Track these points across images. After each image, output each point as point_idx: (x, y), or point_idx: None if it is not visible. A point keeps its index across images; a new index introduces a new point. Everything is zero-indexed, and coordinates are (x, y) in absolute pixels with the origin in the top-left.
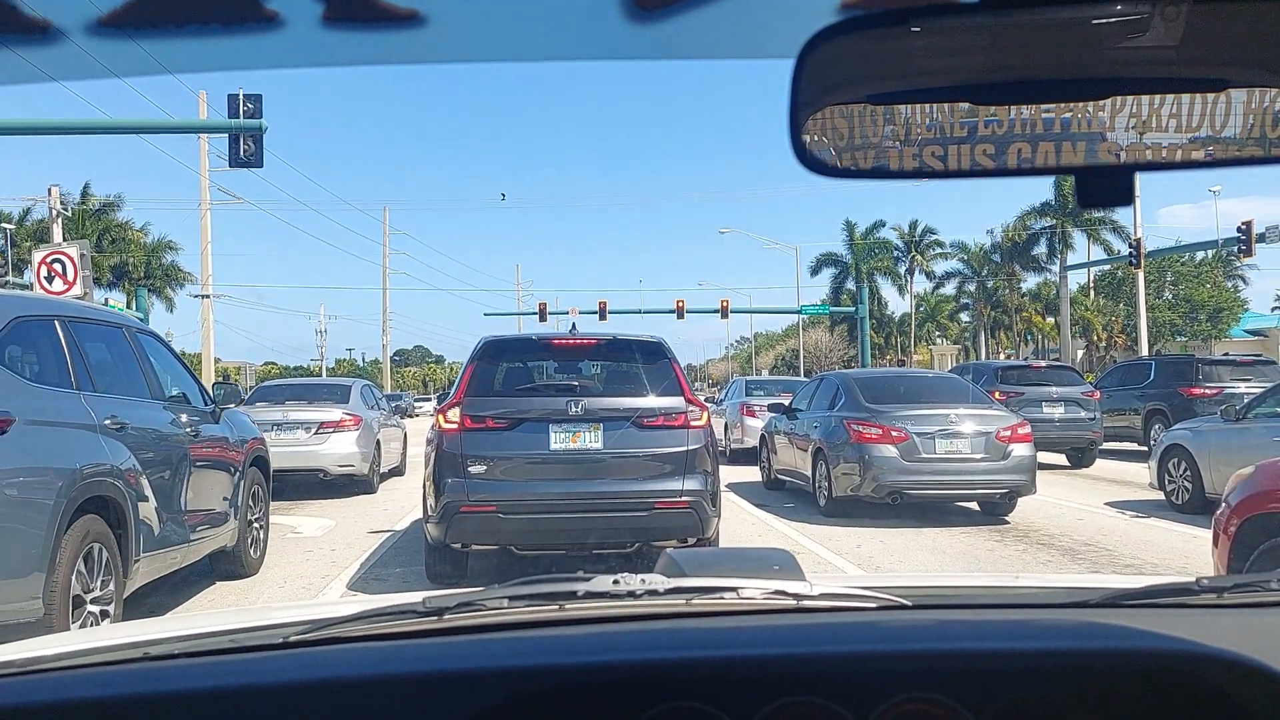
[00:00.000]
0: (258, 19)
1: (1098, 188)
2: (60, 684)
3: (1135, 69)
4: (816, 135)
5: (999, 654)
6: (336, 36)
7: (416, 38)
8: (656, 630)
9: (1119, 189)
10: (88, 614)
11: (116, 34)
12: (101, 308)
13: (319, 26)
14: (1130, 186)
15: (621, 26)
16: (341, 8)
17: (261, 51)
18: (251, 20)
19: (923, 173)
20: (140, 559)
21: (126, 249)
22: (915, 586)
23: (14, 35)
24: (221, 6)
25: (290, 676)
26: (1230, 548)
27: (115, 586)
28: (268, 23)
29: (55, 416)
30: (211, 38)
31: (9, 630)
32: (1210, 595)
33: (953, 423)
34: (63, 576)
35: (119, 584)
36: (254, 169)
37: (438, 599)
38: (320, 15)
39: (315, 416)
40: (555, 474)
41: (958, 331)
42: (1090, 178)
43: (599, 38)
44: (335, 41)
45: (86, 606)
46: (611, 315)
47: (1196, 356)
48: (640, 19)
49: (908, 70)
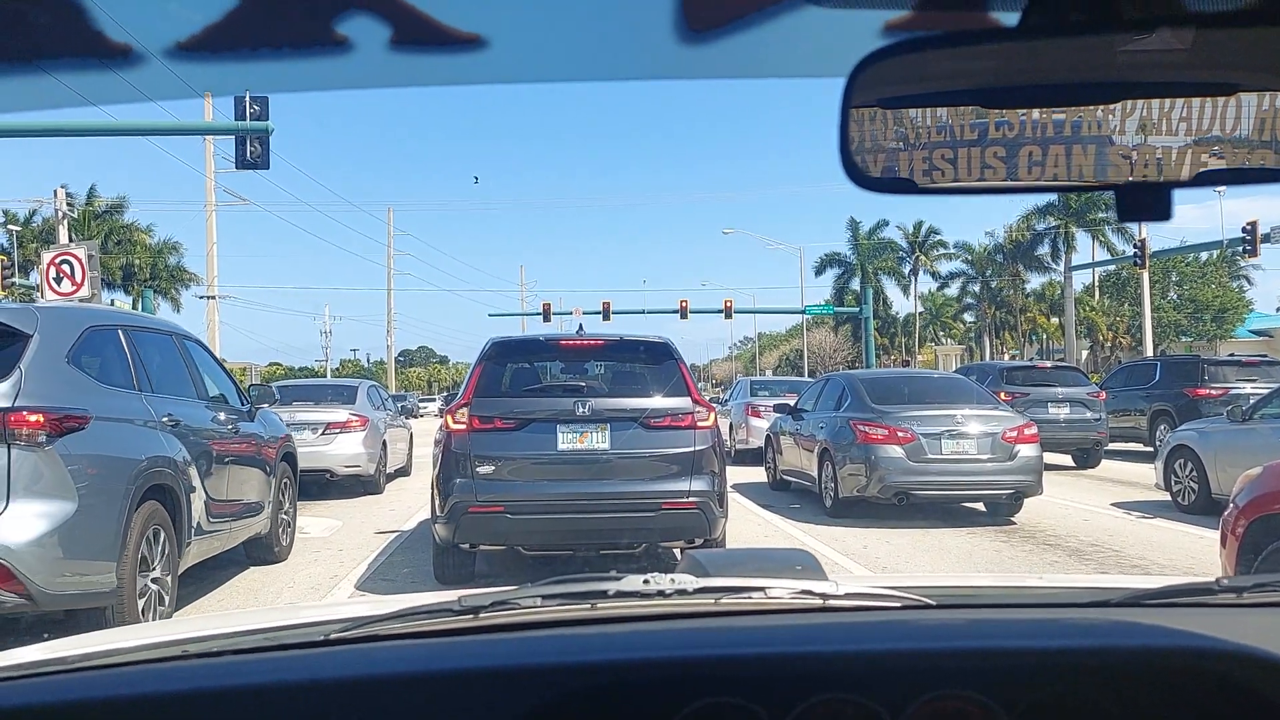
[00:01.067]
0: (328, 42)
1: (1138, 203)
2: (104, 682)
3: (1146, 73)
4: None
5: (1027, 652)
6: (402, 59)
7: (478, 60)
8: (689, 629)
9: (1159, 204)
10: (149, 588)
11: (194, 57)
12: (154, 317)
13: (386, 50)
14: (1169, 202)
15: (674, 47)
16: (407, 32)
17: (331, 73)
18: (322, 44)
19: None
20: (192, 542)
21: (133, 250)
22: (936, 586)
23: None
24: (294, 31)
25: (332, 673)
26: (1238, 548)
27: (171, 565)
28: (337, 46)
29: (122, 414)
30: (284, 60)
31: (88, 599)
32: (1230, 595)
33: (959, 423)
34: (131, 555)
35: (174, 563)
36: (260, 170)
37: (472, 598)
38: (388, 39)
39: (322, 417)
40: (563, 474)
41: (962, 332)
42: (1131, 194)
43: (652, 58)
44: (401, 64)
45: (150, 582)
46: (615, 316)
47: (1202, 357)
48: (691, 40)
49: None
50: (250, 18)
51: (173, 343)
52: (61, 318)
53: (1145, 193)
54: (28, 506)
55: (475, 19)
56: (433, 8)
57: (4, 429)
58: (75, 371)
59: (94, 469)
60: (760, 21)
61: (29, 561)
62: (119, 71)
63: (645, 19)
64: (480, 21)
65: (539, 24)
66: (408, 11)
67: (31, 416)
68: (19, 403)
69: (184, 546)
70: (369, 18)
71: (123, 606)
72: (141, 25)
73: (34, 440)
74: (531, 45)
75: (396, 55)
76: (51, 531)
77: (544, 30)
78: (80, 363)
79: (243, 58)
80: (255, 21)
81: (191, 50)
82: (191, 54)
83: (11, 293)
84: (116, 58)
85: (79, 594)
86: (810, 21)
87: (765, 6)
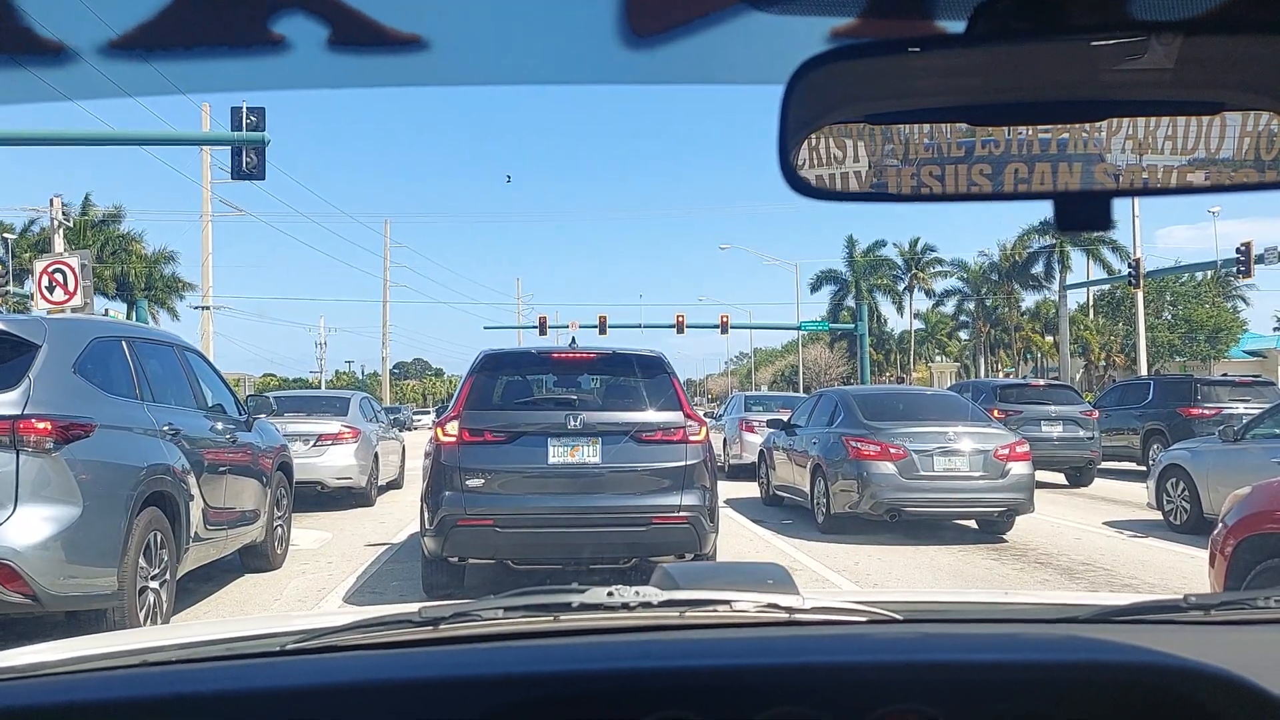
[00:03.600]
0: (265, 42)
1: (1075, 212)
2: (62, 687)
3: (1131, 91)
4: (808, 159)
5: (985, 666)
6: (341, 59)
7: (419, 61)
8: (649, 641)
9: (1098, 213)
10: (149, 592)
11: (127, 55)
12: (155, 328)
13: (324, 49)
14: (1108, 211)
15: (618, 52)
16: (345, 32)
17: (268, 73)
18: (259, 43)
19: (916, 196)
20: (189, 548)
21: (128, 260)
22: (907, 601)
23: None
24: (229, 29)
25: (286, 683)
26: (1227, 568)
27: (169, 570)
28: (274, 45)
29: (125, 423)
30: (220, 59)
31: (90, 600)
32: (1198, 612)
33: (951, 440)
34: (131, 559)
35: (173, 568)
36: (256, 181)
37: (433, 609)
38: (325, 39)
39: (314, 429)
40: (553, 488)
41: (957, 349)
42: (1067, 203)
43: (596, 63)
44: (340, 64)
45: (148, 586)
46: (611, 330)
47: (1195, 377)
48: (636, 45)
49: (903, 92)
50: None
51: (173, 353)
52: (69, 329)
53: (1083, 202)
54: (34, 510)
55: (415, 20)
56: (371, 8)
57: (13, 436)
58: (81, 381)
59: (98, 475)
60: (705, 27)
61: (35, 563)
62: (51, 69)
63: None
64: (420, 23)
65: (481, 26)
66: (346, 11)
67: (39, 424)
68: (28, 410)
69: (182, 552)
70: (306, 17)
71: (123, 608)
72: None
73: (41, 447)
74: (473, 47)
75: (334, 55)
76: (56, 535)
77: (485, 31)
78: (86, 373)
79: (177, 56)
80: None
81: (125, 48)
82: (125, 52)
83: (6, 301)
84: (48, 55)
85: (81, 595)
86: (755, 28)
87: (710, 12)
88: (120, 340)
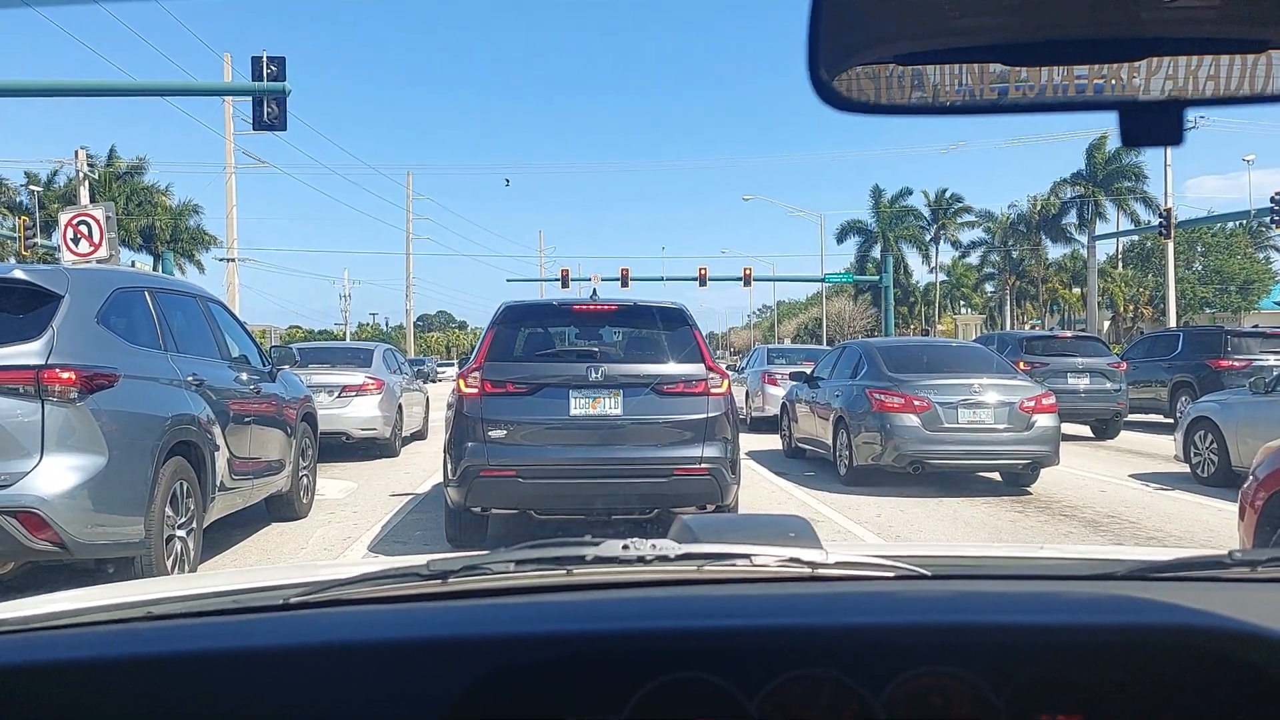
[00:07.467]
0: None
1: (1142, 126)
2: (49, 644)
3: (1173, 28)
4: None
5: (1021, 628)
6: None
7: None
8: (664, 597)
9: (1167, 126)
10: (175, 540)
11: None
12: (178, 279)
13: None
14: (1180, 123)
15: None
16: None
17: None
18: None
19: (955, 108)
20: (215, 497)
21: (153, 211)
22: (935, 556)
23: None
24: None
25: (290, 639)
26: (1257, 521)
27: (196, 519)
28: None
29: (150, 373)
30: None
31: (118, 548)
32: (1244, 569)
33: (976, 392)
34: (158, 508)
35: (199, 517)
36: (277, 132)
37: (441, 562)
38: None
39: (338, 380)
40: (575, 439)
41: (982, 301)
42: (1135, 114)
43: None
44: None
45: (175, 535)
46: (634, 282)
47: (1225, 328)
48: None
49: (935, 30)
50: None
51: (196, 304)
52: (91, 279)
53: (1151, 114)
54: (61, 460)
55: None
56: None
57: (38, 386)
58: (104, 331)
59: (123, 425)
60: None
61: (62, 512)
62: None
63: None
64: None
65: None
66: None
67: (64, 374)
68: (51, 360)
69: (208, 501)
70: None
71: (150, 557)
72: None
73: (66, 397)
74: None
75: None
76: (83, 484)
77: None
78: (109, 323)
79: None
80: None
81: None
82: None
83: (34, 253)
84: None
85: (109, 544)
86: None
87: None
88: (143, 291)
